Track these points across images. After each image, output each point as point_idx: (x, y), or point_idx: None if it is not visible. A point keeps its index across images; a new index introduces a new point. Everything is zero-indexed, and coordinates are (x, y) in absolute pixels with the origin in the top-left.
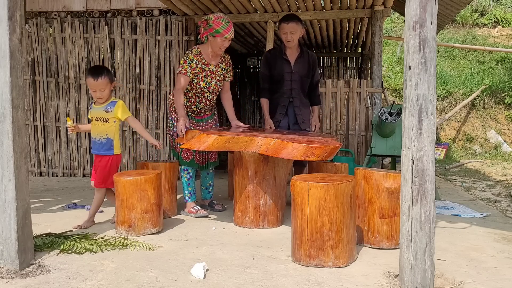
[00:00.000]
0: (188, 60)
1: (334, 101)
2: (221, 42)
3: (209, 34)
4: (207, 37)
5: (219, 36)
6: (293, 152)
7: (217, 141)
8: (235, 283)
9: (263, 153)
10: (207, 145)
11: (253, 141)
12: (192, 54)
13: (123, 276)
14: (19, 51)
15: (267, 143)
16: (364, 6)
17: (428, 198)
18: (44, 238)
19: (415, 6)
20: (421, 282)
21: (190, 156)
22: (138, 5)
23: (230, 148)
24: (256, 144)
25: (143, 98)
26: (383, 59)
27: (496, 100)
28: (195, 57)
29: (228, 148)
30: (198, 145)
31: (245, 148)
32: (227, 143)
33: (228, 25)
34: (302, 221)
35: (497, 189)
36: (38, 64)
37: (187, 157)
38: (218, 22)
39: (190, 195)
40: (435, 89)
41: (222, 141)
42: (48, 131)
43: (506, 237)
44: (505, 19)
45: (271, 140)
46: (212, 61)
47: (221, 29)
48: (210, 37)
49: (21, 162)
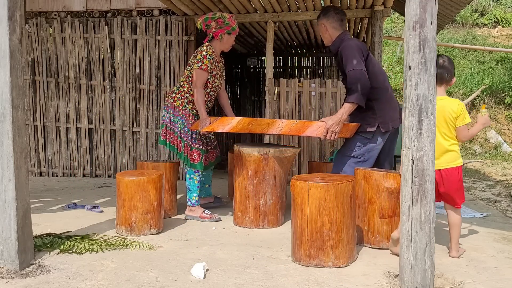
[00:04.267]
0: (208, 56)
1: (334, 101)
2: (233, 39)
3: (226, 31)
4: (221, 35)
5: (234, 33)
6: (318, 130)
7: (240, 123)
8: (235, 283)
9: (285, 133)
10: (231, 127)
11: (275, 123)
12: (210, 50)
13: (123, 276)
14: (19, 51)
15: (288, 125)
16: (364, 6)
17: (428, 198)
18: (44, 238)
19: (415, 6)
20: (421, 282)
21: (199, 159)
22: (138, 5)
23: (252, 130)
24: (277, 126)
25: (143, 98)
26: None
27: (496, 100)
28: (212, 53)
29: (250, 130)
30: (222, 127)
31: (267, 130)
32: (250, 125)
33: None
34: (302, 221)
35: (497, 189)
36: (38, 64)
37: (196, 159)
38: (233, 20)
39: (198, 199)
40: (435, 89)
41: (246, 123)
42: (48, 131)
43: (506, 237)
44: (505, 19)
45: (293, 121)
46: (220, 59)
47: (236, 27)
48: (225, 35)
49: (21, 162)
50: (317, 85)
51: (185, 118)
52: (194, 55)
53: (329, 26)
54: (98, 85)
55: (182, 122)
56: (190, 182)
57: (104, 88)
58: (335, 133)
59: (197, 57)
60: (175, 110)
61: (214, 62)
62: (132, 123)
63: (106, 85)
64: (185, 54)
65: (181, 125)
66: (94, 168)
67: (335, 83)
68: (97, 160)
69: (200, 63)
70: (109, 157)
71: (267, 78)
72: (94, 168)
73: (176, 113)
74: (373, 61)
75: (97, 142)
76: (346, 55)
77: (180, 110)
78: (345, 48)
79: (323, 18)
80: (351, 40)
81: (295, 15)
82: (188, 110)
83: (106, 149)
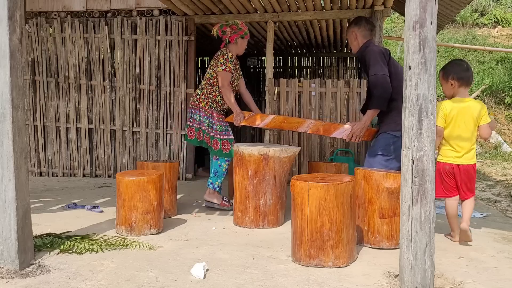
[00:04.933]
0: (229, 59)
1: (334, 101)
2: (246, 43)
3: (239, 36)
4: (236, 39)
5: (247, 37)
6: (344, 133)
7: (274, 120)
8: (235, 283)
9: (314, 132)
10: (266, 123)
11: (304, 122)
12: (230, 54)
13: (123, 276)
14: (19, 51)
15: (317, 125)
16: (364, 6)
17: (428, 198)
18: (44, 238)
19: (415, 6)
20: (421, 282)
21: (229, 147)
22: (138, 5)
23: (284, 127)
24: (306, 125)
25: (143, 98)
26: None
27: (496, 100)
28: (232, 56)
29: (282, 127)
30: (258, 122)
31: (296, 128)
32: (283, 122)
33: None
34: (302, 221)
35: (497, 189)
36: (38, 64)
37: (226, 148)
38: (244, 25)
39: (221, 186)
40: (435, 89)
41: (279, 121)
42: (48, 131)
43: (506, 237)
44: (505, 19)
45: (321, 122)
46: (236, 62)
47: (248, 31)
48: (239, 39)
49: (21, 162)
50: (317, 85)
51: (212, 116)
52: (215, 59)
53: (359, 34)
54: (98, 85)
55: (210, 120)
56: (219, 168)
57: (104, 88)
58: (359, 137)
59: (219, 61)
60: (200, 111)
61: (233, 64)
62: (132, 123)
63: (106, 85)
64: (185, 54)
65: (208, 123)
66: (94, 168)
67: (335, 83)
68: (97, 160)
69: (224, 66)
70: (109, 157)
71: (267, 78)
72: (94, 168)
73: (202, 113)
74: (395, 63)
75: (97, 142)
76: (369, 60)
77: (206, 110)
78: (368, 54)
79: (354, 27)
80: (375, 46)
81: (295, 15)
82: (214, 109)
83: (106, 149)
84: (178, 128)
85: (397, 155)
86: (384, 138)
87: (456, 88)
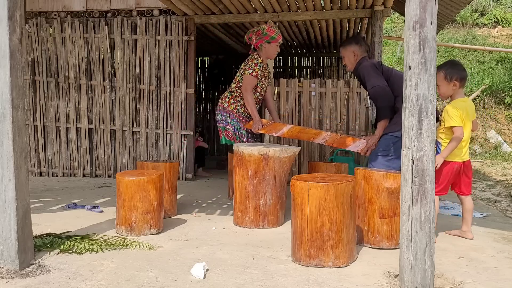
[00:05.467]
0: (259, 64)
1: (334, 101)
2: (275, 47)
3: (265, 41)
4: (261, 45)
5: (275, 42)
6: (359, 147)
7: (291, 130)
8: (235, 283)
9: (329, 144)
10: (282, 133)
11: (320, 134)
12: (260, 59)
13: (123, 276)
14: (19, 51)
15: (333, 137)
16: (364, 6)
17: (428, 198)
18: (44, 238)
19: (415, 6)
20: (421, 282)
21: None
22: (138, 5)
23: (300, 138)
24: (322, 137)
25: (143, 98)
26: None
27: (496, 100)
28: (261, 61)
29: (299, 137)
30: (274, 132)
31: (313, 138)
32: (300, 133)
33: (279, 32)
34: (302, 221)
35: (497, 189)
36: (38, 64)
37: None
38: (271, 30)
39: None
40: (435, 89)
41: (296, 131)
42: (48, 131)
43: (506, 237)
44: (505, 19)
45: (338, 135)
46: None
47: (276, 35)
48: (265, 44)
49: (21, 162)
50: (317, 85)
51: (239, 120)
52: (245, 63)
53: (359, 52)
54: (98, 85)
55: (237, 124)
56: None
57: (104, 88)
58: (372, 149)
59: (248, 64)
60: (228, 113)
61: (262, 69)
62: (132, 123)
63: (106, 85)
64: (185, 54)
65: (237, 126)
66: (94, 168)
67: (335, 83)
68: (97, 160)
69: (251, 70)
70: (109, 157)
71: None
72: (94, 168)
73: (231, 116)
74: (389, 70)
75: (97, 142)
76: (363, 75)
77: (234, 113)
78: (362, 70)
79: (355, 45)
80: (366, 62)
81: (295, 15)
82: (241, 113)
83: (106, 149)
84: (178, 128)
85: (398, 155)
86: (385, 139)
87: (457, 89)
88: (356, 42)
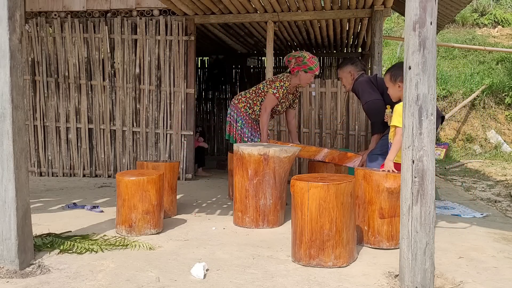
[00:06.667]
0: (284, 87)
1: (334, 101)
2: (311, 77)
3: (302, 69)
4: (298, 72)
5: (311, 72)
6: (355, 163)
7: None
8: (235, 283)
9: (329, 161)
10: None
11: (321, 151)
12: (287, 83)
13: (123, 276)
14: (19, 51)
15: (332, 153)
16: (364, 6)
17: (428, 198)
18: (44, 238)
19: (415, 6)
20: (421, 282)
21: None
22: (138, 5)
23: (302, 155)
24: (323, 154)
25: (143, 98)
26: (383, 59)
27: (496, 100)
28: (288, 85)
29: (300, 156)
30: None
31: (314, 156)
32: (302, 151)
33: (318, 64)
34: (302, 221)
35: (497, 189)
36: (38, 64)
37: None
38: (312, 61)
39: None
40: (435, 89)
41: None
42: (48, 131)
43: (506, 237)
44: (505, 19)
45: (337, 152)
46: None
47: (314, 67)
48: (302, 72)
49: (21, 162)
50: (317, 85)
51: (245, 120)
52: (274, 78)
53: (355, 72)
54: (98, 85)
55: (242, 122)
56: None
57: (104, 88)
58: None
59: (275, 83)
60: (237, 110)
61: (286, 93)
62: (132, 123)
63: (106, 85)
64: (185, 54)
65: (241, 125)
66: (94, 168)
67: (335, 83)
68: (97, 160)
69: (276, 91)
70: (109, 157)
71: (267, 78)
72: (94, 168)
73: (239, 113)
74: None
75: (97, 142)
76: (358, 91)
77: (242, 112)
78: (357, 86)
79: (351, 66)
80: (361, 77)
81: (295, 15)
82: (248, 114)
83: (106, 149)
84: (178, 128)
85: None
86: (382, 140)
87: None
88: (351, 63)
